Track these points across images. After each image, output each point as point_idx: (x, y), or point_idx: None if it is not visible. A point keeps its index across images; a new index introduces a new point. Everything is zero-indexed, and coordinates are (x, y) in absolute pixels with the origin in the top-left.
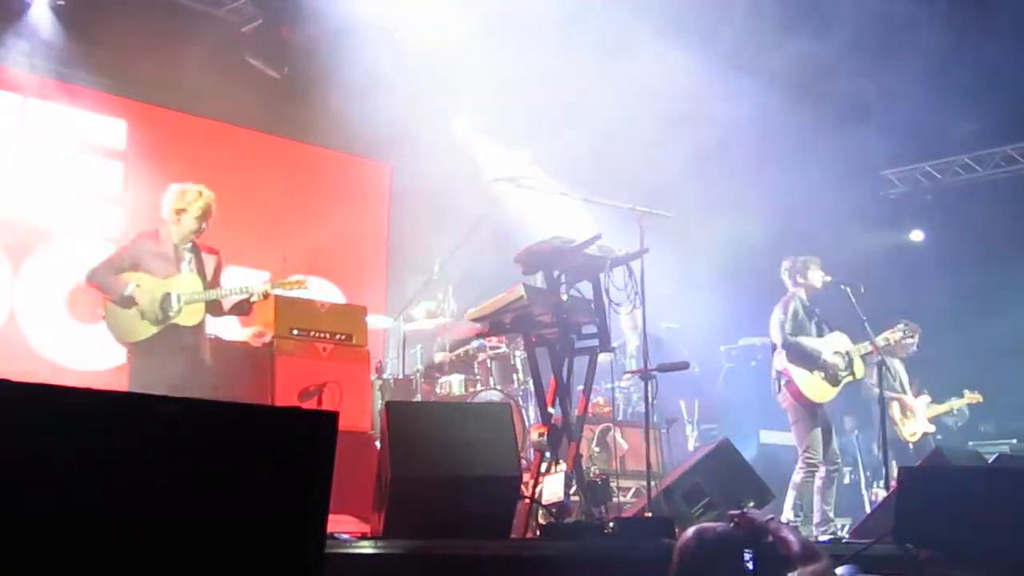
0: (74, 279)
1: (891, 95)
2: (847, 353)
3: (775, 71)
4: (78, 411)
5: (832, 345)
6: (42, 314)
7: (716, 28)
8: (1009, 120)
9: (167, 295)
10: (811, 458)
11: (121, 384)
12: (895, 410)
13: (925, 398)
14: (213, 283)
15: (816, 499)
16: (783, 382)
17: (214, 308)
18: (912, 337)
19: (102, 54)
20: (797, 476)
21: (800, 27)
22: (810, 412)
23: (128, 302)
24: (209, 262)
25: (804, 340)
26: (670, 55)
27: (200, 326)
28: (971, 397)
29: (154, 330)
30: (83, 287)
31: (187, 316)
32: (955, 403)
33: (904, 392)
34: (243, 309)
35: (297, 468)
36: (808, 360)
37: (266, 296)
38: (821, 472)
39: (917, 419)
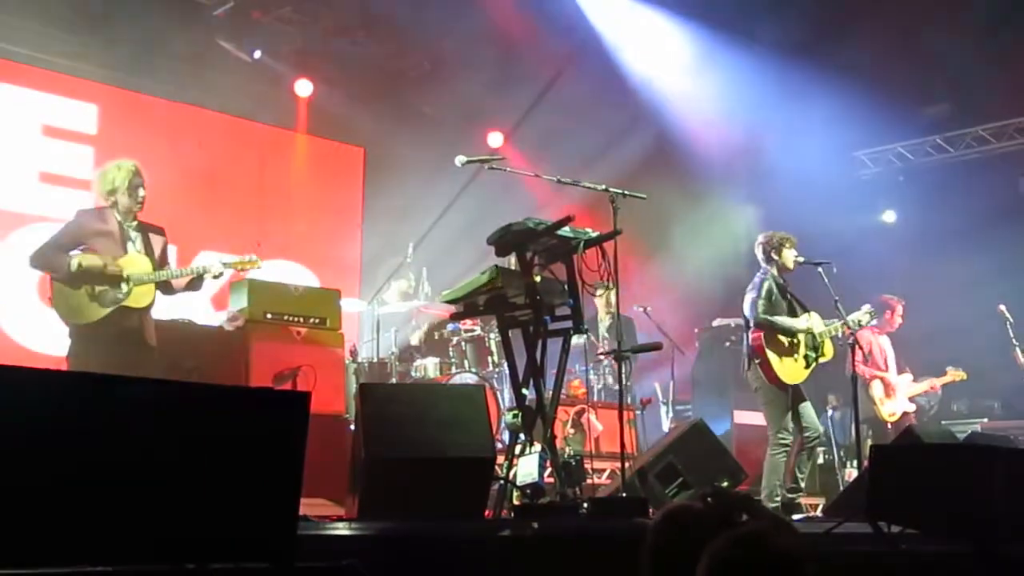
0: None
1: (862, 76)
2: (818, 335)
3: (747, 51)
4: (53, 392)
5: (804, 325)
6: (13, 299)
7: (684, 10)
8: (980, 101)
9: (115, 276)
10: (784, 439)
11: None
12: (876, 389)
13: (907, 376)
14: (161, 262)
15: (790, 462)
16: (757, 361)
17: (165, 287)
18: (878, 319)
19: (72, 38)
20: (770, 458)
21: (773, 7)
22: (782, 392)
23: (75, 280)
24: (156, 241)
25: (777, 318)
26: (644, 38)
27: (147, 308)
28: (954, 375)
29: (104, 312)
30: (32, 271)
31: (136, 298)
32: (937, 381)
33: (887, 370)
34: (195, 286)
35: (270, 448)
36: (780, 338)
37: (219, 275)
38: (798, 442)
39: (897, 399)
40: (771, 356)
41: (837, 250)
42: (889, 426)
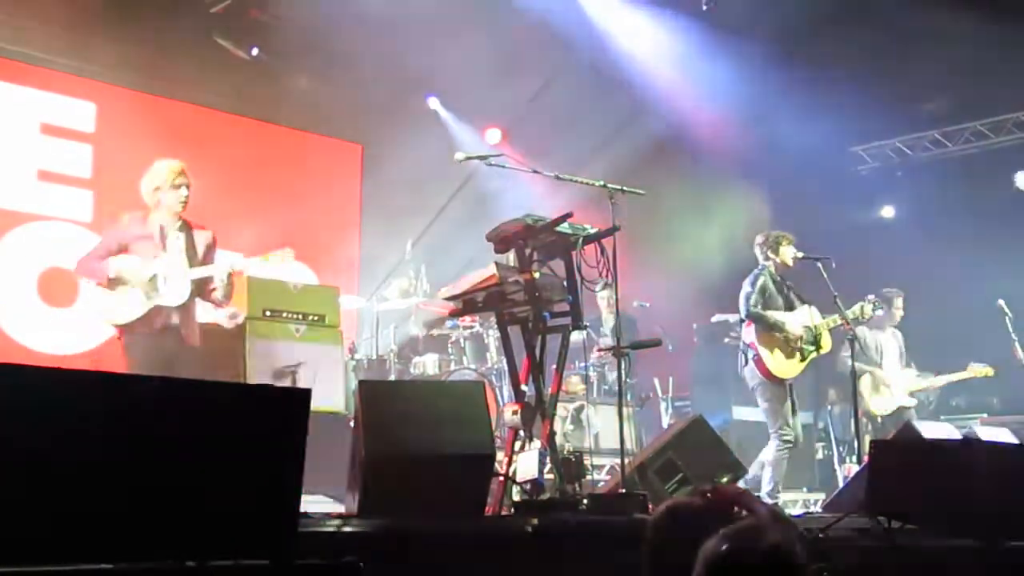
0: (44, 263)
1: (861, 71)
2: (814, 327)
3: (745, 47)
4: (54, 390)
5: (800, 319)
6: (13, 299)
7: (681, 5)
8: (979, 96)
9: (153, 276)
10: (786, 434)
11: (93, 367)
12: (865, 383)
13: (910, 371)
14: (204, 262)
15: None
16: (750, 356)
17: (201, 289)
18: (882, 309)
19: (70, 35)
20: (771, 454)
21: (771, 2)
22: (779, 387)
23: (114, 284)
24: (200, 241)
25: (769, 312)
26: (641, 32)
27: (186, 307)
28: (976, 371)
29: (140, 312)
30: (58, 273)
31: (171, 296)
32: (957, 376)
33: (880, 365)
34: (227, 293)
35: (270, 445)
36: (772, 333)
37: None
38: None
39: (893, 393)
40: (763, 351)
41: (836, 245)
42: (879, 420)
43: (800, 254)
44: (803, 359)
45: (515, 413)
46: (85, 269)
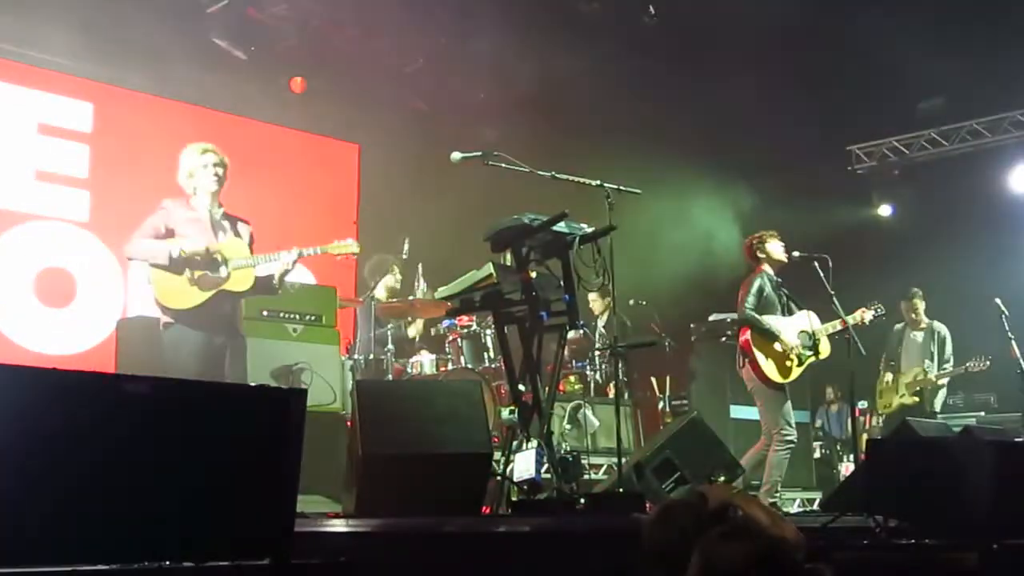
0: (41, 263)
1: (857, 69)
2: (812, 333)
3: (742, 44)
4: (51, 390)
5: (797, 324)
6: (10, 299)
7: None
8: (975, 94)
9: (214, 261)
10: (788, 435)
11: (90, 367)
12: (882, 381)
13: (917, 369)
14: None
15: (755, 457)
16: (746, 359)
17: (264, 284)
18: (884, 315)
19: (67, 36)
20: (774, 454)
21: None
22: (777, 391)
23: (178, 266)
24: (244, 231)
25: (764, 318)
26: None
27: (244, 294)
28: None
29: (205, 296)
30: (55, 273)
31: (236, 282)
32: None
33: (900, 364)
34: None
35: (267, 445)
36: (766, 338)
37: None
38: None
39: (897, 392)
40: (758, 355)
41: (833, 244)
42: (882, 418)
43: (797, 253)
44: (800, 364)
45: (512, 412)
46: (140, 251)
